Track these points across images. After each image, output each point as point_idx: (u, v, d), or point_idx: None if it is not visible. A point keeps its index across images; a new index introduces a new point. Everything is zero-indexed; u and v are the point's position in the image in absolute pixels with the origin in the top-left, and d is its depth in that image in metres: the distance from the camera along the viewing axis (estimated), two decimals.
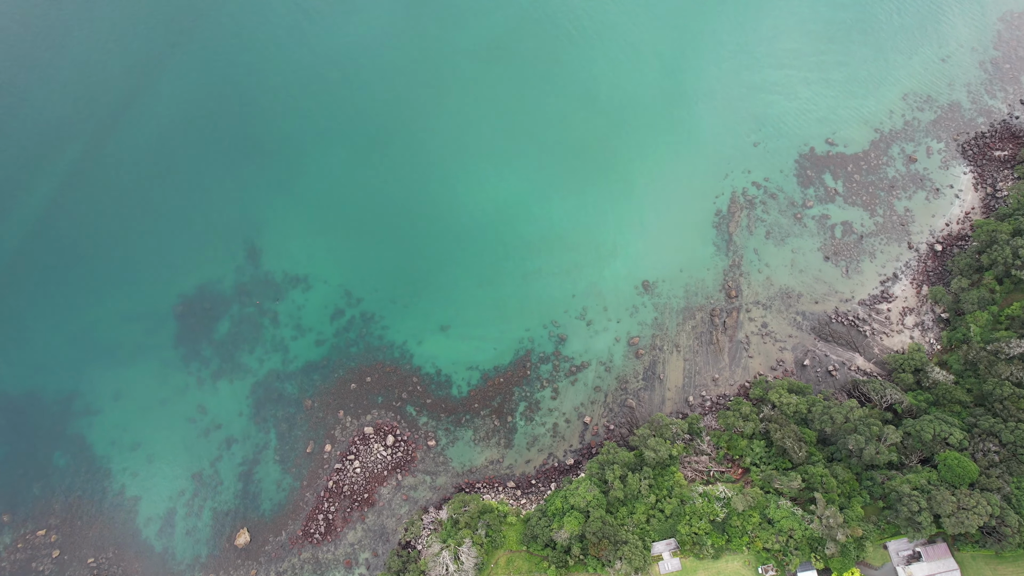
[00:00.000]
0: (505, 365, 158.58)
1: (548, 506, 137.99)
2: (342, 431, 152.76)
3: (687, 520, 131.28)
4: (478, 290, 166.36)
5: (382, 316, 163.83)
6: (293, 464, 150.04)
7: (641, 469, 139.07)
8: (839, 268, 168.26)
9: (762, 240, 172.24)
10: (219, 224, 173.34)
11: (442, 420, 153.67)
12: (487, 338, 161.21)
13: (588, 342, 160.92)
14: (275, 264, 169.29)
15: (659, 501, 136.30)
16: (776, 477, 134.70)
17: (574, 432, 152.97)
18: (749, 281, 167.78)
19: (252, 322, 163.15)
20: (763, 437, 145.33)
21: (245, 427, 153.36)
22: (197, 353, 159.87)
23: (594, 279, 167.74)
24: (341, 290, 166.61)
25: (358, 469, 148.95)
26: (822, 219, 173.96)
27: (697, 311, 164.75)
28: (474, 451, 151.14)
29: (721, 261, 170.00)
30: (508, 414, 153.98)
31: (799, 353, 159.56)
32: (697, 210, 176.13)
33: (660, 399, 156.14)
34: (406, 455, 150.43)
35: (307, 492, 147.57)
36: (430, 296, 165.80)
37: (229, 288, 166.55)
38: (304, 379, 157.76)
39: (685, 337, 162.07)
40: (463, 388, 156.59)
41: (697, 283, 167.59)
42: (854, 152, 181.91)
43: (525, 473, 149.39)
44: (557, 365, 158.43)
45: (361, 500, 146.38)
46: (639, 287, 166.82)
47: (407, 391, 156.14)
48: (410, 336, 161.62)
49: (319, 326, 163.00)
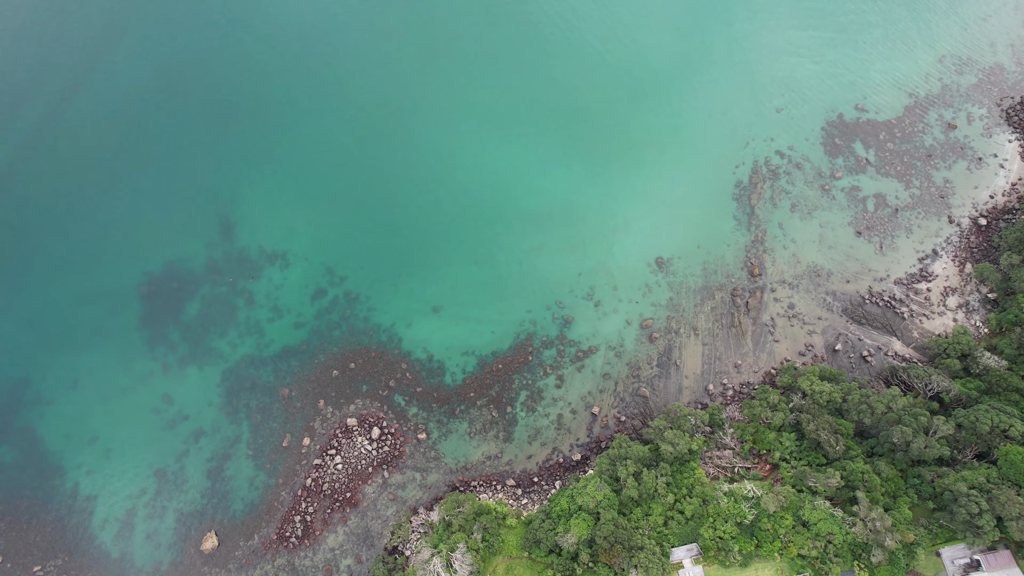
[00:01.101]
0: (504, 350, 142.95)
1: (552, 507, 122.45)
2: (322, 423, 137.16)
3: (710, 523, 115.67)
4: (474, 268, 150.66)
5: (368, 296, 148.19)
6: (268, 459, 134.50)
7: (657, 465, 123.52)
8: (872, 244, 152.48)
9: (787, 213, 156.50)
10: (190, 196, 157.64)
11: (434, 411, 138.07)
12: (484, 320, 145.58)
13: (596, 325, 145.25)
14: (251, 239, 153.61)
15: (678, 501, 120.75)
16: (810, 474, 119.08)
17: (581, 424, 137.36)
18: (774, 258, 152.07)
19: (224, 303, 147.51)
20: (793, 429, 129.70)
21: (215, 418, 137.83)
22: (163, 337, 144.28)
23: (602, 256, 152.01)
24: (323, 268, 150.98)
25: (340, 465, 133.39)
26: (852, 191, 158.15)
27: (717, 291, 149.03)
28: (469, 445, 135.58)
29: (742, 236, 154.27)
30: (507, 404, 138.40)
31: (830, 337, 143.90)
32: (715, 181, 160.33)
33: (677, 387, 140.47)
34: (393, 450, 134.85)
35: (283, 491, 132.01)
36: (421, 274, 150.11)
37: (200, 266, 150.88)
38: (281, 365, 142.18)
39: (704, 319, 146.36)
40: (457, 375, 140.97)
41: (716, 260, 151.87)
42: (886, 119, 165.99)
43: (526, 470, 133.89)
44: (562, 350, 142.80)
45: (343, 500, 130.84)
46: (652, 265, 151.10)
47: (395, 379, 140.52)
48: (399, 318, 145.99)
49: (298, 307, 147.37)
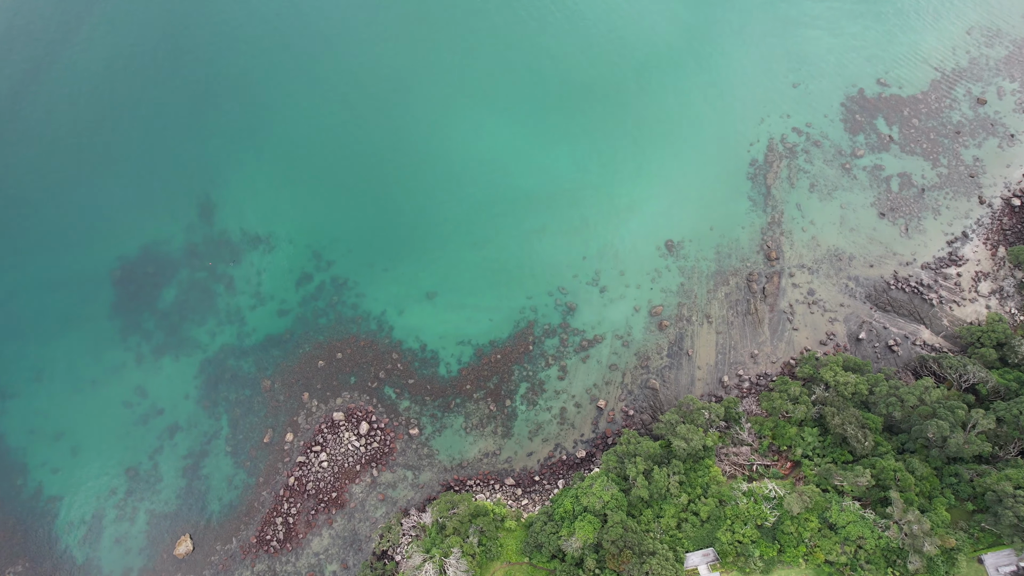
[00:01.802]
0: (503, 339, 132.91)
1: (555, 508, 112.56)
2: (307, 417, 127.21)
3: (728, 525, 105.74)
4: (471, 251, 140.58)
5: (357, 282, 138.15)
6: (248, 457, 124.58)
7: (669, 463, 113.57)
8: (897, 226, 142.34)
9: (805, 194, 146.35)
10: (167, 175, 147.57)
11: (427, 404, 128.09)
12: (481, 307, 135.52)
13: (602, 312, 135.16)
14: (232, 221, 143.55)
15: (692, 502, 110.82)
16: (836, 472, 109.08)
17: (586, 419, 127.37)
18: (792, 241, 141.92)
19: (203, 289, 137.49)
20: (816, 423, 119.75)
21: (191, 413, 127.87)
22: (137, 325, 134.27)
23: (608, 238, 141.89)
24: (309, 251, 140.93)
25: (325, 463, 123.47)
26: (875, 170, 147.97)
27: (731, 276, 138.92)
28: (465, 442, 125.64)
29: (758, 218, 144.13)
30: (506, 397, 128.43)
31: (853, 325, 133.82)
32: (728, 160, 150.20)
33: (689, 379, 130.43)
34: (383, 446, 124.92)
35: (263, 490, 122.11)
36: (414, 259, 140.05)
37: (177, 249, 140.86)
38: (263, 356, 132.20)
39: (717, 306, 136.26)
40: (452, 366, 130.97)
41: (730, 243, 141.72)
42: (911, 94, 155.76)
43: (527, 468, 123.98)
44: (565, 339, 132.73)
45: (328, 500, 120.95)
46: (662, 248, 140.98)
47: (385, 370, 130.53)
48: (390, 305, 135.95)
49: (282, 293, 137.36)
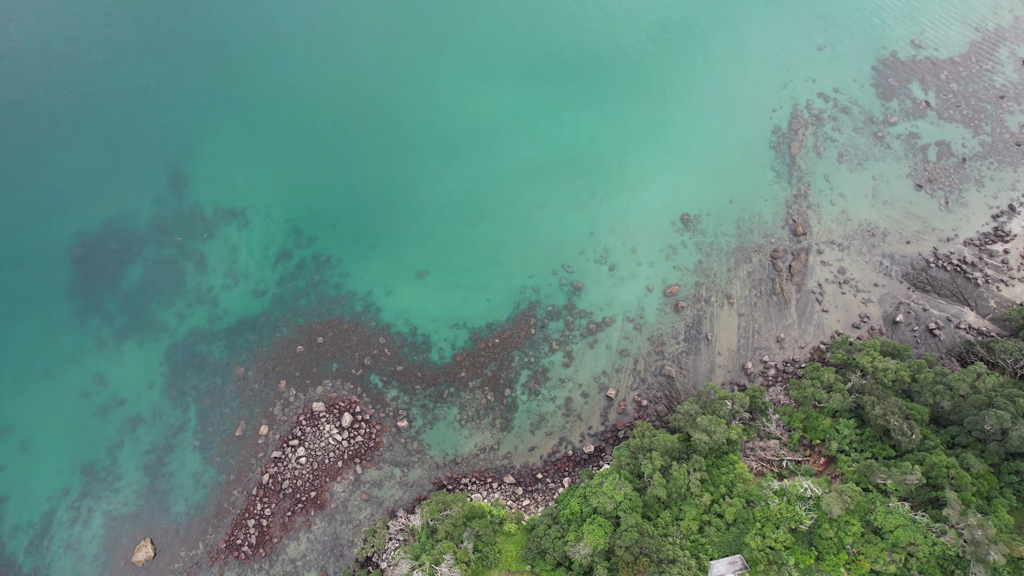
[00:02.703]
0: (502, 322, 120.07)
1: (560, 509, 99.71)
2: (283, 408, 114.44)
3: (758, 529, 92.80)
4: (467, 226, 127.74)
5: (341, 259, 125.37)
6: (217, 451, 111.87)
7: (689, 458, 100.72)
8: (936, 199, 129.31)
9: (834, 164, 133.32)
10: (134, 144, 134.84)
11: (417, 394, 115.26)
12: (478, 287, 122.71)
13: (611, 292, 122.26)
14: (205, 193, 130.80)
15: (716, 502, 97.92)
16: (879, 469, 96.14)
17: (594, 409, 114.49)
18: (819, 215, 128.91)
19: (172, 267, 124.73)
20: (852, 414, 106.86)
21: (156, 403, 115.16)
22: (98, 307, 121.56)
23: (618, 212, 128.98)
24: (288, 226, 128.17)
25: (303, 459, 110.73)
26: (910, 138, 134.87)
27: (753, 252, 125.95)
28: (460, 435, 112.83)
29: (782, 190, 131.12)
30: (506, 386, 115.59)
31: (889, 306, 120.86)
32: (749, 127, 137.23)
33: (708, 366, 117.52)
34: (368, 440, 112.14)
35: (234, 489, 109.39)
36: (404, 234, 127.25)
37: (144, 224, 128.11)
38: (236, 340, 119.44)
39: (739, 286, 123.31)
40: (446, 352, 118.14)
41: (752, 217, 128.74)
42: (948, 56, 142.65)
43: (528, 464, 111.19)
44: (571, 322, 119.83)
45: (306, 500, 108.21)
46: (677, 222, 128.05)
47: (371, 356, 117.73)
48: (377, 284, 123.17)
49: (259, 272, 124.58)
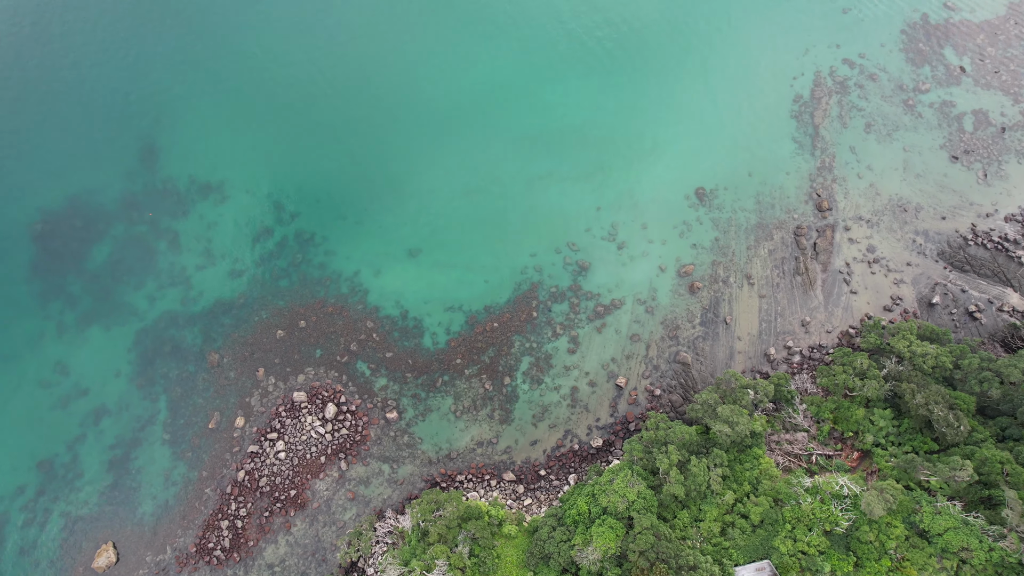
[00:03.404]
0: (501, 304, 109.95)
1: (566, 510, 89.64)
2: (261, 398, 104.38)
3: (788, 531, 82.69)
4: (463, 201, 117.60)
5: (326, 237, 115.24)
6: (189, 446, 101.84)
7: (709, 452, 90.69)
8: (973, 172, 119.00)
9: (860, 135, 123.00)
10: (102, 113, 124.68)
11: (408, 383, 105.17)
12: (475, 267, 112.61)
13: (620, 272, 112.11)
14: (179, 167, 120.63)
15: (740, 501, 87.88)
16: (921, 464, 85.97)
17: (602, 399, 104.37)
18: (846, 189, 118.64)
19: (142, 246, 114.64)
20: (887, 404, 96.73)
21: (123, 393, 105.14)
22: (60, 289, 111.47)
23: (627, 186, 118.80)
24: (269, 202, 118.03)
25: (283, 454, 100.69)
26: (944, 107, 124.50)
27: (775, 229, 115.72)
28: (454, 428, 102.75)
29: (805, 163, 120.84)
30: (505, 374, 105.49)
31: (923, 287, 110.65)
32: (769, 96, 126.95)
33: (727, 352, 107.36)
34: (354, 433, 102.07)
35: (207, 487, 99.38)
36: (395, 210, 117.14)
37: (112, 200, 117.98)
38: (211, 324, 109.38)
39: (760, 265, 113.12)
40: (440, 337, 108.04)
41: (773, 192, 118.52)
42: (984, 19, 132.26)
43: (530, 460, 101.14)
44: (576, 304, 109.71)
45: (286, 499, 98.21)
46: (691, 197, 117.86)
47: (358, 341, 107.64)
48: (365, 264, 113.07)
49: (236, 251, 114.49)
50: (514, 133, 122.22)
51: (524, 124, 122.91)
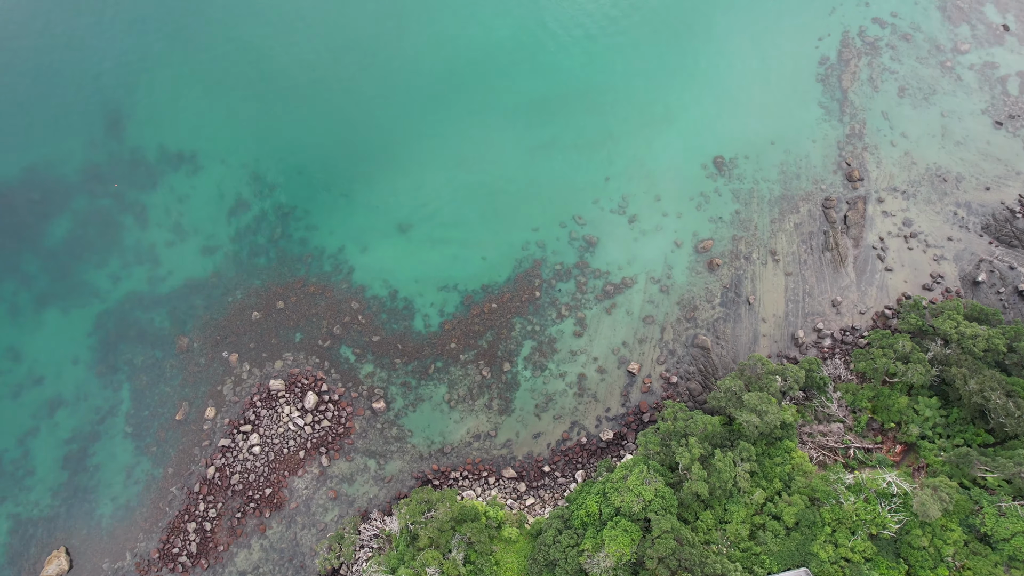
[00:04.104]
0: (500, 284, 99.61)
1: (574, 510, 79.34)
2: (234, 386, 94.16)
3: (828, 535, 72.35)
4: (458, 172, 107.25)
5: (307, 211, 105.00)
6: (154, 440, 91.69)
7: (735, 445, 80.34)
8: (1019, 138, 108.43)
9: (893, 99, 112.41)
10: (63, 77, 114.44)
11: (397, 370, 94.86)
12: (471, 243, 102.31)
13: (632, 247, 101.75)
14: (148, 135, 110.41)
15: (771, 500, 77.62)
16: (978, 459, 75.58)
17: (612, 388, 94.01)
18: (879, 158, 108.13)
19: (106, 221, 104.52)
20: (934, 391, 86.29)
21: (81, 381, 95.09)
22: (14, 268, 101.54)
23: (639, 154, 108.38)
24: (246, 173, 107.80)
25: (257, 448, 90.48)
26: (986, 69, 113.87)
27: (801, 201, 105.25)
28: (448, 419, 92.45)
29: (833, 130, 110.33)
30: (505, 360, 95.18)
31: (967, 264, 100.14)
32: (792, 57, 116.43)
33: (750, 335, 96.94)
34: (337, 425, 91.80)
35: (172, 486, 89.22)
36: (383, 181, 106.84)
37: (74, 171, 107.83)
38: (180, 306, 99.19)
39: (785, 240, 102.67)
40: (432, 319, 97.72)
41: (798, 161, 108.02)
42: None
43: (533, 454, 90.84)
44: (583, 283, 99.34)
45: (260, 499, 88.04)
46: (709, 166, 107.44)
47: (342, 324, 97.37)
48: (350, 240, 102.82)
49: (209, 226, 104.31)
50: (514, 98, 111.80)
51: (524, 88, 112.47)
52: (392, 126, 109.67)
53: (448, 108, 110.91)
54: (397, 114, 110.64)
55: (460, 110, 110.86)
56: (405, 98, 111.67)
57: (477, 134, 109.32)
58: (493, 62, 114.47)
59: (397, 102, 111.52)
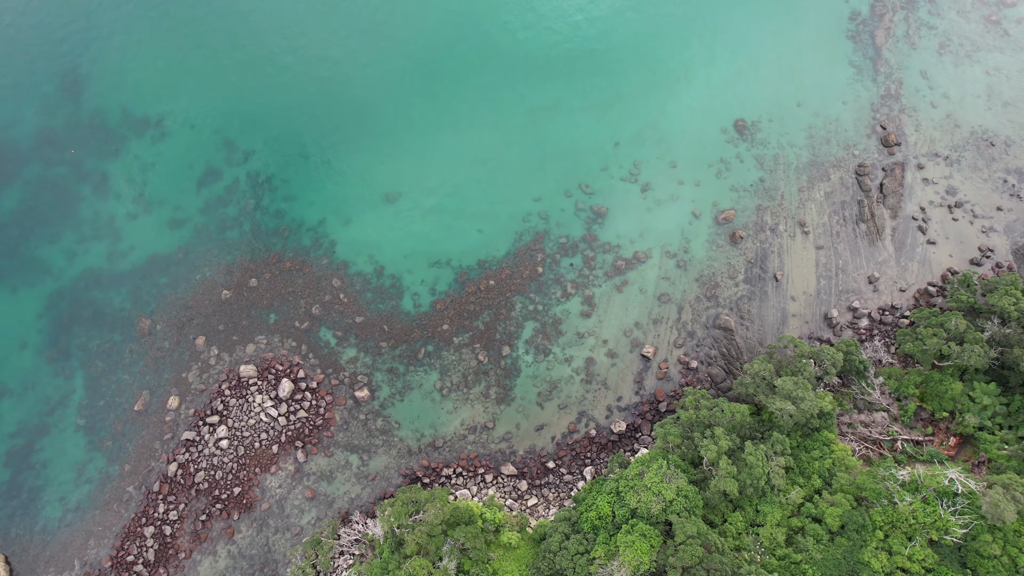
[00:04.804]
0: (499, 259, 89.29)
1: (582, 512, 69.12)
2: (201, 373, 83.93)
3: (880, 541, 62.13)
4: (451, 136, 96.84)
5: (285, 179, 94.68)
6: (109, 433, 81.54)
7: (767, 437, 70.13)
8: None
9: (933, 56, 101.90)
10: (13, 34, 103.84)
11: (383, 354, 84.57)
12: (466, 213, 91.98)
13: (645, 219, 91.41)
14: (109, 98, 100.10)
15: (810, 500, 67.40)
16: None
17: (624, 374, 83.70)
18: (917, 121, 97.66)
19: (61, 190, 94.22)
20: (991, 376, 75.99)
21: (29, 369, 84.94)
22: None
23: (652, 118, 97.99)
24: (218, 139, 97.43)
25: (225, 442, 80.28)
26: None
27: (832, 168, 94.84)
28: (440, 410, 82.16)
29: (866, 90, 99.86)
30: (504, 343, 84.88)
31: (1019, 236, 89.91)
32: (820, 12, 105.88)
33: (778, 315, 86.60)
34: (315, 416, 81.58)
35: (129, 485, 79.11)
36: (368, 147, 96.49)
37: (26, 136, 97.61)
38: (143, 284, 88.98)
39: (815, 210, 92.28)
40: (423, 298, 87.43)
41: (828, 124, 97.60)
42: None
43: (535, 449, 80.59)
44: (591, 258, 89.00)
45: (228, 499, 77.90)
46: (729, 130, 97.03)
47: (321, 303, 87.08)
48: (332, 211, 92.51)
49: (176, 196, 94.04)
50: (514, 55, 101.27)
51: (526, 45, 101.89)
52: (378, 85, 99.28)
53: (440, 65, 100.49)
54: (383, 72, 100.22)
55: (454, 67, 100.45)
56: (392, 54, 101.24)
57: (473, 94, 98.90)
58: (491, 14, 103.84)
59: (383, 59, 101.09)
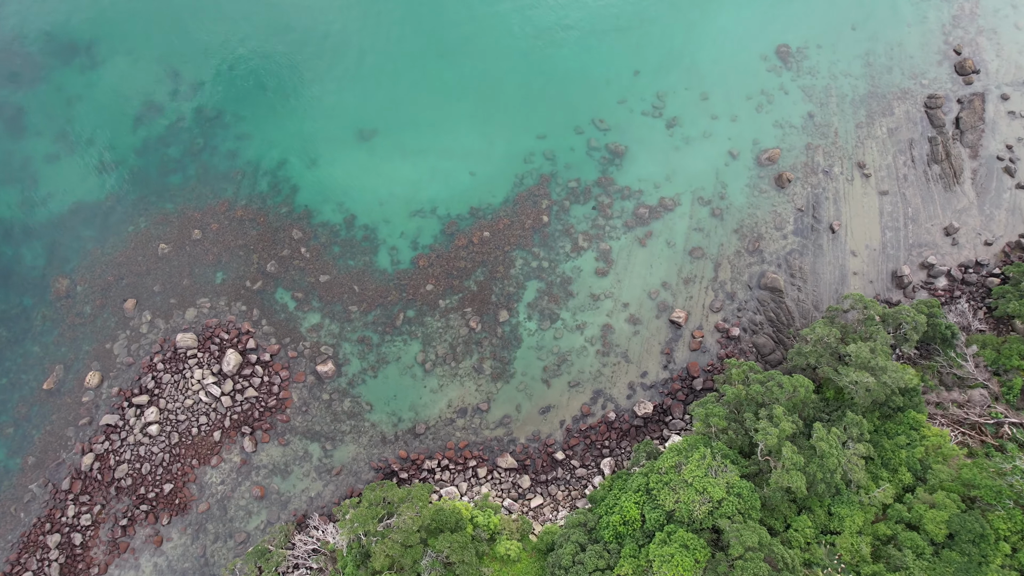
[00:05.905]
0: (495, 206, 73.54)
1: (601, 515, 53.45)
2: (129, 343, 68.27)
3: (1007, 556, 46.46)
4: (438, 63, 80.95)
5: (239, 115, 78.93)
6: (10, 418, 66.02)
7: (837, 419, 54.51)
8: None
9: None
10: None
11: (353, 320, 68.82)
12: (455, 153, 76.18)
13: (672, 159, 75.63)
14: (30, 20, 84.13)
15: (900, 500, 51.68)
16: None
17: (650, 344, 67.97)
18: (998, 44, 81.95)
19: None
20: None
21: None
22: None
23: (679, 42, 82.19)
24: (160, 67, 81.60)
25: (155, 428, 64.60)
26: None
27: (896, 100, 79.01)
28: (423, 388, 66.45)
29: (934, 9, 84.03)
30: (501, 307, 69.11)
31: None
32: None
33: (836, 272, 70.92)
34: (267, 396, 65.89)
35: (31, 482, 63.55)
36: (338, 77, 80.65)
37: None
38: (63, 238, 73.40)
39: (876, 150, 76.49)
40: (402, 253, 71.67)
41: (890, 50, 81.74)
42: None
43: (540, 436, 64.89)
44: (607, 205, 73.24)
45: (157, 498, 62.33)
46: (770, 57, 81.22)
47: (278, 259, 71.35)
48: (294, 151, 76.73)
49: (108, 135, 78.37)
50: None
51: None
52: (350, 6, 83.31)
53: None
54: None
55: None
56: None
57: (462, 17, 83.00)
58: None
59: None
